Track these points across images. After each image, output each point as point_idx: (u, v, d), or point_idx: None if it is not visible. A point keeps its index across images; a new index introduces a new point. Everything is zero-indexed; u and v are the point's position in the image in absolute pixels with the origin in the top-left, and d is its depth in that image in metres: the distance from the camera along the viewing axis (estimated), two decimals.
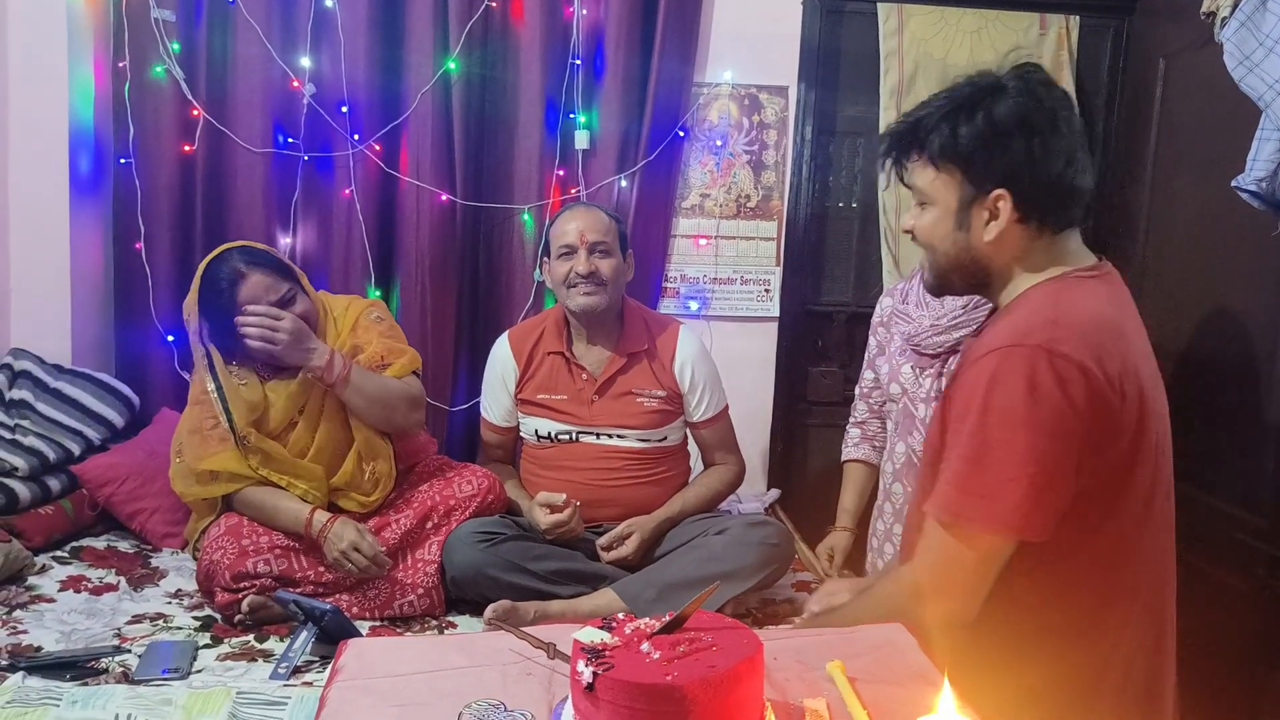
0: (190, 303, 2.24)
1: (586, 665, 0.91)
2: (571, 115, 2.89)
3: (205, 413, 2.23)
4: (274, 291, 2.20)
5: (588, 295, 2.33)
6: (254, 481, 2.20)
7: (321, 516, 2.14)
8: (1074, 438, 1.23)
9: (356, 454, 2.26)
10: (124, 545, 2.48)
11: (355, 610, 2.15)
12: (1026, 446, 1.22)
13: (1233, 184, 2.04)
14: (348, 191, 2.87)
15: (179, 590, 2.25)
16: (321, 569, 2.16)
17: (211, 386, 2.21)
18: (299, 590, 2.12)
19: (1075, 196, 1.35)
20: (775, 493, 3.03)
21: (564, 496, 2.27)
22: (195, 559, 2.25)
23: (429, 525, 2.27)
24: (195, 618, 2.11)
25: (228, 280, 2.18)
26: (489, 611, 2.02)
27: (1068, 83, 2.97)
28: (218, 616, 2.10)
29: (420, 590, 2.19)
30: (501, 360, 2.48)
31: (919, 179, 1.40)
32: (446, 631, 2.13)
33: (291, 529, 2.16)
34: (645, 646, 0.94)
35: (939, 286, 1.47)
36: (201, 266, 2.24)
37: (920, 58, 2.96)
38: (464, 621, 2.18)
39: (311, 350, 2.18)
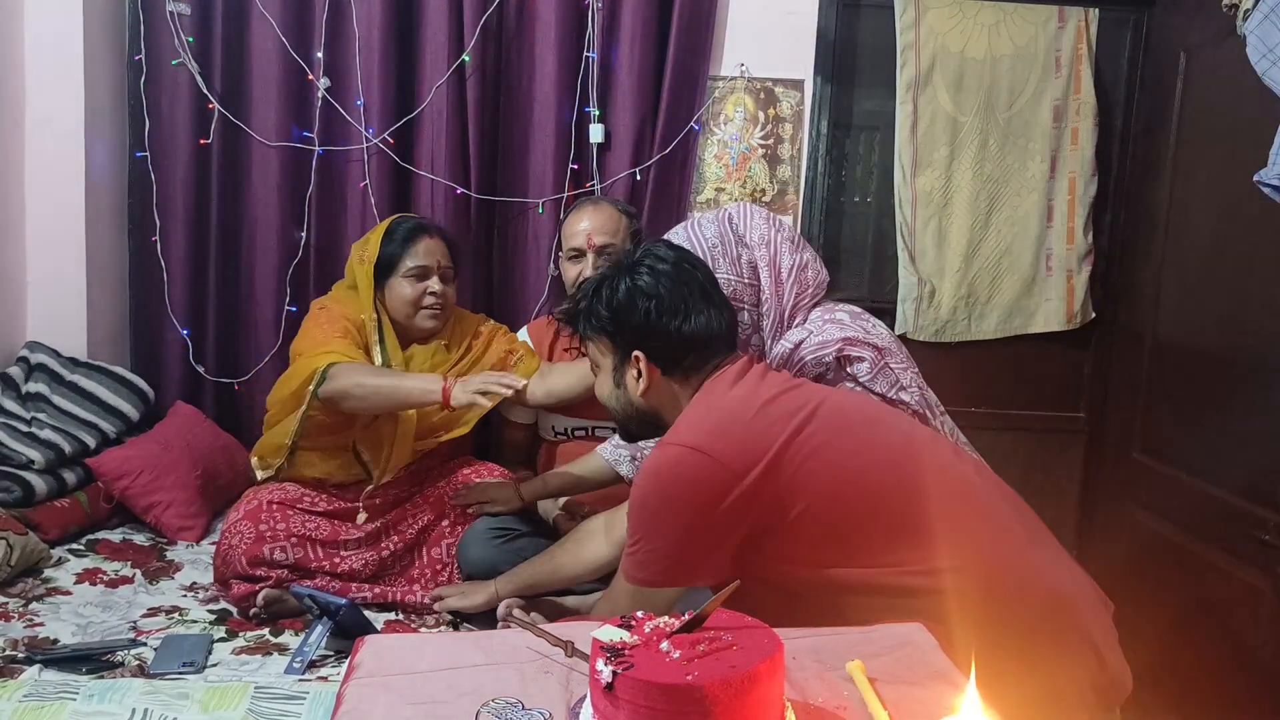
0: (372, 243, 2.31)
1: (606, 664, 0.90)
2: (586, 109, 2.87)
3: (321, 319, 2.26)
4: (444, 258, 2.34)
5: None
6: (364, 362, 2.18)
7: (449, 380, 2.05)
8: (714, 513, 1.39)
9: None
10: (139, 538, 2.48)
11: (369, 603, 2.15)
12: (671, 529, 1.42)
13: (1255, 179, 2.02)
14: (362, 185, 2.87)
15: (194, 583, 2.26)
16: (337, 560, 2.17)
17: (373, 315, 2.28)
18: (314, 582, 2.12)
19: (695, 341, 1.53)
20: None
21: (587, 507, 2.27)
22: (260, 472, 2.28)
23: (445, 521, 2.27)
24: (210, 611, 2.12)
25: (412, 228, 2.32)
26: (503, 608, 2.02)
27: (1086, 77, 2.94)
28: (233, 610, 2.11)
29: (435, 586, 2.19)
30: None
31: (588, 348, 1.64)
32: (461, 626, 2.13)
33: (420, 401, 2.11)
34: (665, 645, 0.94)
35: (627, 436, 1.71)
36: (390, 219, 2.37)
37: (938, 51, 2.94)
38: (478, 617, 2.17)
39: None
